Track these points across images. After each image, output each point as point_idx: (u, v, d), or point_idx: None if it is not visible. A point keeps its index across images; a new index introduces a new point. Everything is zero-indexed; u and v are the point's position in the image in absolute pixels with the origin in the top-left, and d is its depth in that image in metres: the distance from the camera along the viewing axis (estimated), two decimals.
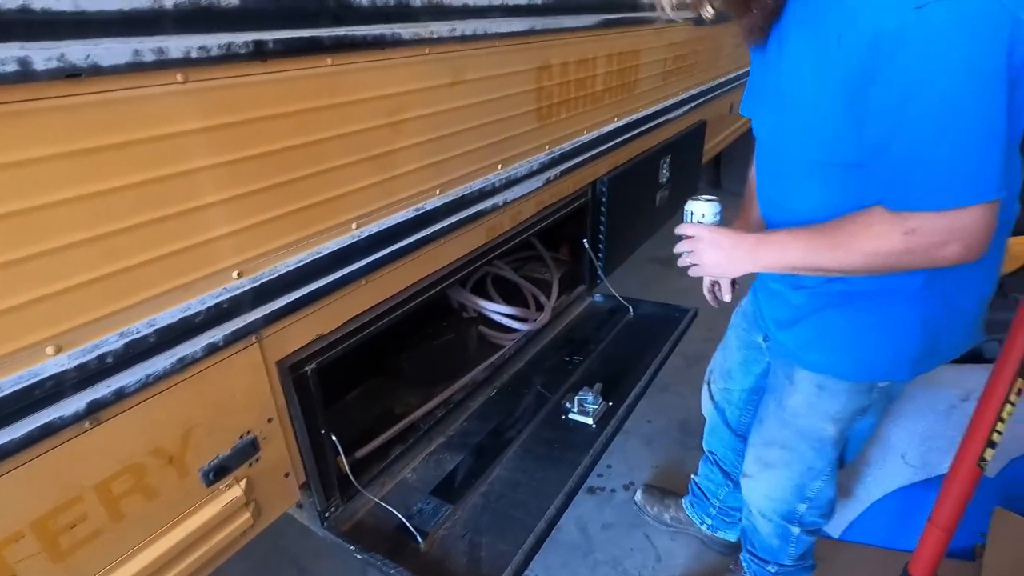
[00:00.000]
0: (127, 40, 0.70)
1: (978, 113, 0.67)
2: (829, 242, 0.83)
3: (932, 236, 0.72)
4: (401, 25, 1.08)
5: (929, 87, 0.67)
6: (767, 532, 1.33)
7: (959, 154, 0.68)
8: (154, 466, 0.88)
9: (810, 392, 1.06)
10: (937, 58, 0.66)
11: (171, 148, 0.79)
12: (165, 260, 0.82)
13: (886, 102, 0.71)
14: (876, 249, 0.78)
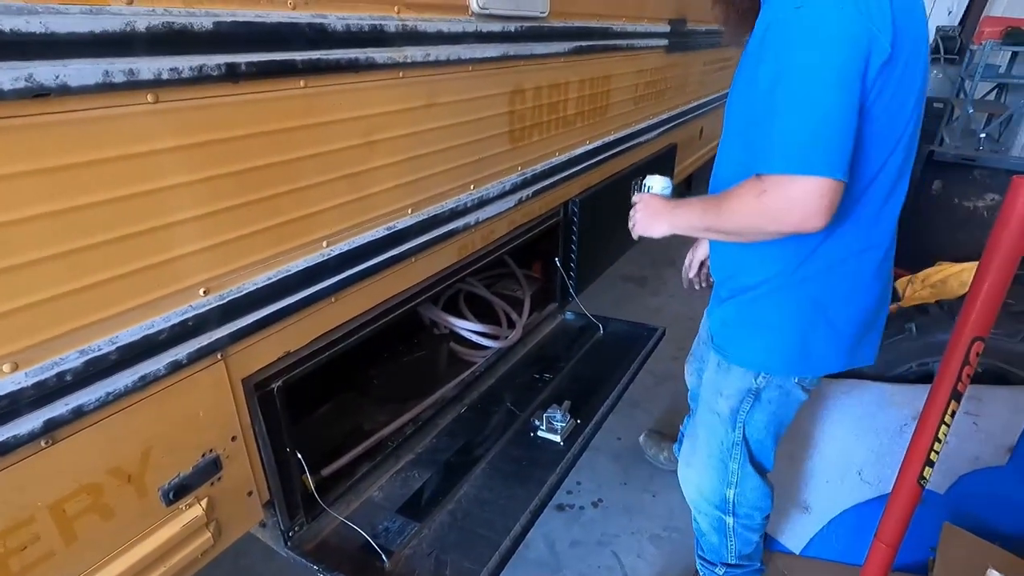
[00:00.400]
0: (97, 61, 0.71)
1: (824, 101, 0.78)
2: (715, 204, 0.98)
3: (777, 199, 0.83)
4: (375, 49, 1.10)
5: (790, 70, 0.80)
6: (707, 527, 1.41)
7: (803, 130, 0.79)
8: (112, 485, 0.87)
9: (713, 368, 1.24)
10: (802, 47, 0.79)
11: (140, 166, 0.80)
12: (130, 277, 0.82)
13: (764, 80, 0.85)
14: (739, 208, 0.90)
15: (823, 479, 1.78)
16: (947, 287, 1.97)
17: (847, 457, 1.78)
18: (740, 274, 1.12)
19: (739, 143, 1.03)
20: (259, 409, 1.08)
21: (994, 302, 0.74)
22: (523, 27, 1.52)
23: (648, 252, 3.68)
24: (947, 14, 6.87)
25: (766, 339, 1.11)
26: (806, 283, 1.03)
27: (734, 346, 1.17)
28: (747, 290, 1.10)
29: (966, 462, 1.63)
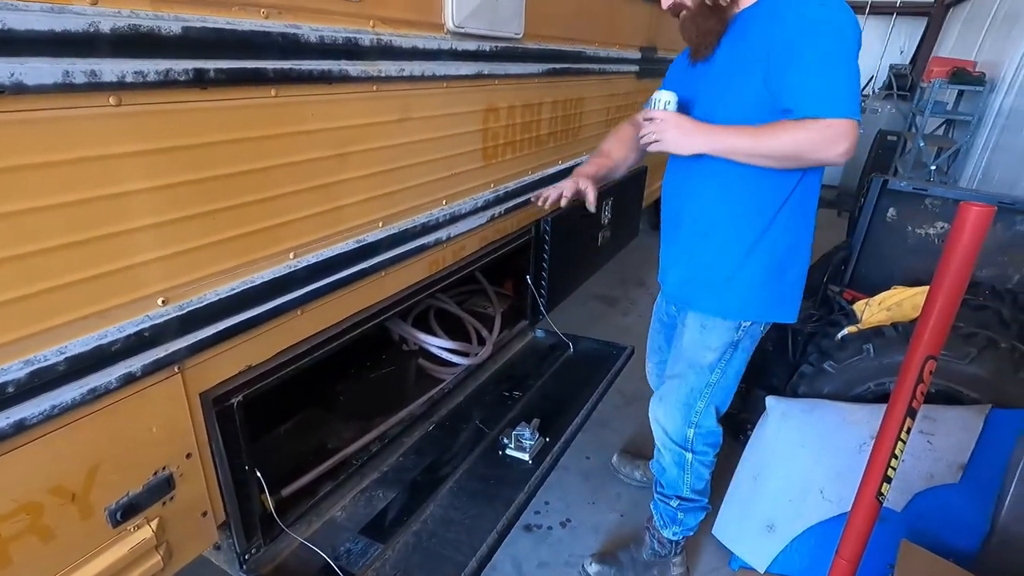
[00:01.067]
0: (57, 60, 0.69)
1: (856, 64, 1.07)
2: (767, 132, 1.11)
3: (836, 132, 1.05)
4: (349, 62, 1.10)
5: (837, 50, 1.05)
6: (669, 462, 1.56)
7: (855, 88, 1.07)
8: (53, 505, 0.82)
9: (695, 329, 1.38)
10: (838, 32, 1.06)
11: (99, 170, 0.77)
12: (83, 285, 0.79)
13: (813, 58, 1.06)
14: (801, 135, 1.07)
15: (786, 498, 1.81)
16: (902, 310, 2.05)
17: (809, 476, 1.81)
18: (715, 231, 1.28)
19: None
20: (217, 425, 1.04)
21: (945, 322, 0.77)
22: (498, 47, 1.55)
23: (616, 273, 3.73)
24: (899, 53, 7.28)
25: (743, 291, 1.29)
26: (775, 239, 1.25)
27: (715, 301, 1.32)
28: (723, 246, 1.27)
29: (921, 480, 1.68)
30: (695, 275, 1.35)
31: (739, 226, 1.26)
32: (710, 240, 1.31)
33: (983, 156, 4.51)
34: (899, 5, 7.03)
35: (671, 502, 1.63)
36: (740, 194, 1.24)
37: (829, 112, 1.05)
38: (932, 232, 2.44)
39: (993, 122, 4.47)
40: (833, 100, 1.05)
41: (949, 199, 2.35)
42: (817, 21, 1.07)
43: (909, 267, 2.43)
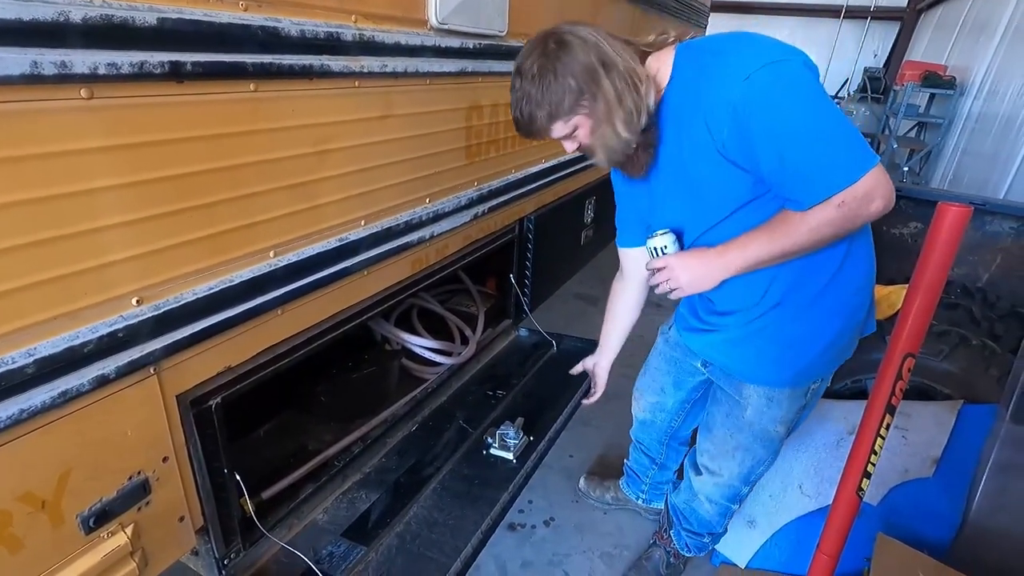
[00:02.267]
0: (24, 51, 0.66)
1: (830, 110, 0.89)
2: (781, 231, 0.99)
3: (858, 200, 0.89)
4: (330, 57, 1.08)
5: (790, 114, 0.88)
6: (711, 513, 1.49)
7: (844, 137, 0.89)
8: (21, 513, 0.79)
9: (760, 404, 1.24)
10: (780, 95, 0.88)
11: (69, 165, 0.74)
12: (52, 284, 0.76)
13: (769, 142, 0.90)
14: (818, 224, 0.94)
15: (767, 494, 1.83)
16: (878, 308, 2.09)
17: (788, 472, 1.84)
18: (772, 303, 1.12)
19: (733, 218, 1.06)
20: (195, 427, 1.01)
21: (924, 320, 0.79)
22: (482, 44, 1.54)
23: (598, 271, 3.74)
24: (873, 56, 7.45)
25: (815, 354, 1.15)
26: (844, 284, 1.10)
27: (783, 373, 1.18)
28: (782, 314, 1.11)
29: (896, 474, 1.72)
30: (758, 350, 1.17)
31: (800, 291, 1.10)
32: (777, 314, 1.12)
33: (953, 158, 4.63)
34: (873, 9, 7.19)
35: (703, 538, 1.58)
36: (791, 264, 1.06)
37: (842, 183, 0.88)
38: (906, 232, 2.50)
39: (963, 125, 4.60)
40: (835, 172, 0.88)
41: (923, 200, 2.41)
42: (750, 107, 0.89)
43: (884, 266, 2.46)
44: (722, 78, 0.91)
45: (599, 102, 0.98)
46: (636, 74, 0.99)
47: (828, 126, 0.88)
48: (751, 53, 0.90)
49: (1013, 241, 2.30)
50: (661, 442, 1.72)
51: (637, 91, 0.99)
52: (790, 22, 7.72)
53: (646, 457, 1.79)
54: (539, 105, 0.97)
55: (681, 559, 1.73)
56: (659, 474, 1.81)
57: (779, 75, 0.88)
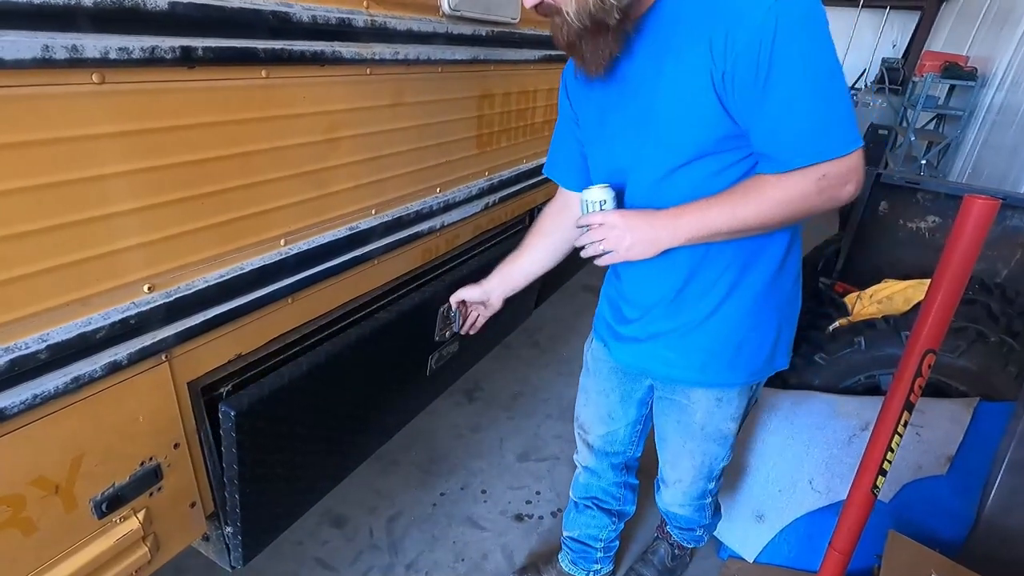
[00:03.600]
0: (36, 34, 0.66)
1: (840, 78, 0.81)
2: (745, 199, 0.88)
3: (838, 178, 0.82)
4: (342, 44, 1.07)
5: (818, 61, 0.78)
6: (687, 514, 1.46)
7: (846, 109, 0.81)
8: (35, 497, 0.80)
9: (710, 406, 1.17)
10: (808, 35, 0.78)
11: (81, 151, 0.74)
12: (65, 270, 0.76)
13: (786, 83, 0.79)
14: (791, 196, 0.85)
15: (776, 488, 1.82)
16: (893, 303, 2.06)
17: (798, 467, 1.82)
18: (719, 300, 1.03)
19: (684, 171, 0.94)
20: (206, 414, 1.02)
21: (945, 316, 0.77)
22: (494, 31, 1.52)
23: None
24: (892, 47, 7.30)
25: (757, 350, 1.09)
26: (785, 279, 1.06)
27: (728, 372, 1.11)
28: (730, 314, 1.04)
29: (909, 471, 1.70)
30: (698, 350, 1.09)
31: (747, 283, 1.02)
32: (715, 313, 1.04)
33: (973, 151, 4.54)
34: None
35: (695, 531, 1.56)
36: (742, 250, 0.99)
37: (827, 155, 0.81)
38: (923, 226, 2.45)
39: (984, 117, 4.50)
40: (830, 138, 0.81)
41: (941, 193, 2.36)
42: (777, 34, 0.77)
43: (900, 260, 2.44)
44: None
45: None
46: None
47: (842, 87, 0.80)
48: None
49: None
50: (617, 484, 1.51)
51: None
52: None
53: (603, 514, 1.55)
54: None
55: (685, 551, 1.73)
56: (616, 528, 1.60)
57: (811, 12, 0.77)
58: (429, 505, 1.98)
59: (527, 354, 2.89)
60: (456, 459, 2.20)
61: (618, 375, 1.32)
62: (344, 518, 1.90)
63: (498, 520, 1.95)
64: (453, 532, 1.89)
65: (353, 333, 1.23)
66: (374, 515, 1.92)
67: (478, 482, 2.10)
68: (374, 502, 1.97)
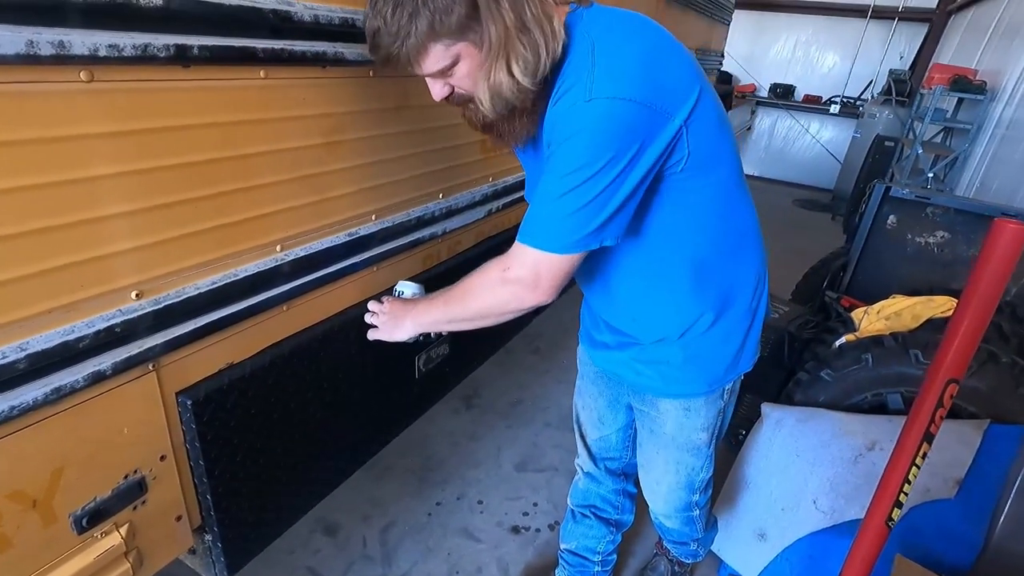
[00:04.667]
0: (20, 29, 0.62)
1: (595, 188, 0.80)
2: (454, 295, 1.00)
3: (519, 276, 0.88)
4: (345, 44, 1.03)
5: (569, 161, 0.80)
6: (676, 527, 1.45)
7: (560, 216, 0.82)
8: (11, 512, 0.76)
9: (679, 415, 1.18)
10: (586, 139, 0.78)
11: (67, 152, 0.71)
12: (47, 275, 0.72)
13: (549, 161, 0.84)
14: (480, 288, 0.94)
15: (779, 506, 1.78)
16: (901, 320, 2.02)
17: (803, 485, 1.78)
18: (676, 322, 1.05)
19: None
20: (194, 425, 0.98)
21: (971, 344, 0.73)
22: None
23: None
24: (899, 59, 7.26)
25: (719, 358, 1.10)
26: (740, 297, 1.07)
27: (699, 380, 1.11)
28: (689, 330, 1.05)
29: (917, 494, 1.66)
30: (662, 363, 1.09)
31: (671, 299, 1.03)
32: (655, 326, 1.07)
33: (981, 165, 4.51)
34: (901, 10, 6.99)
35: (689, 545, 1.55)
36: (650, 276, 1.01)
37: (523, 237, 0.86)
38: (932, 241, 2.42)
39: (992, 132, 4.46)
40: (530, 227, 0.86)
41: (951, 208, 2.33)
42: (569, 128, 0.79)
43: (908, 275, 2.41)
44: (576, 85, 0.79)
45: (496, 26, 0.77)
46: (548, 6, 0.81)
47: (571, 198, 0.81)
48: (615, 71, 0.78)
49: None
50: (615, 492, 1.52)
51: (547, 28, 0.80)
52: (813, 21, 7.54)
53: (600, 524, 1.55)
54: (417, 11, 0.74)
55: (685, 568, 1.70)
56: (614, 540, 1.60)
57: (616, 115, 0.77)
58: (424, 515, 1.94)
59: (527, 360, 2.86)
60: (452, 467, 2.16)
61: (604, 380, 1.35)
62: (337, 526, 1.87)
63: (494, 532, 1.91)
64: (448, 543, 1.85)
65: (319, 327, 1.19)
66: (367, 524, 1.89)
67: (474, 492, 2.06)
68: (368, 510, 1.93)
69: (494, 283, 0.92)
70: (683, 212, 0.93)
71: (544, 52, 0.81)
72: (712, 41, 4.09)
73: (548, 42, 0.80)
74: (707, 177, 0.91)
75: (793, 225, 5.70)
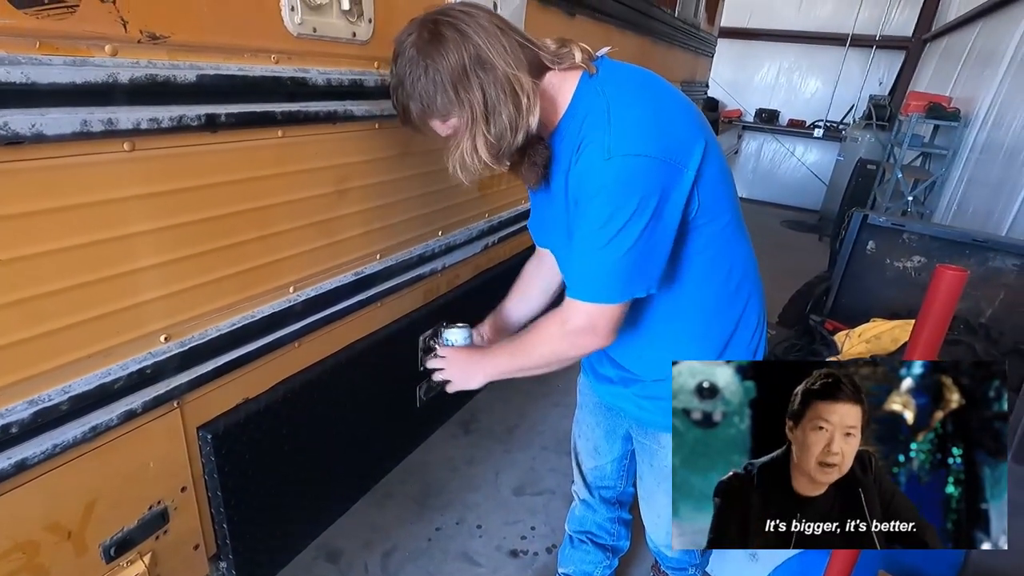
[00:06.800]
0: (76, 110, 0.71)
1: (629, 240, 0.88)
2: (519, 345, 1.09)
3: (577, 328, 0.98)
4: (353, 102, 1.13)
5: (601, 218, 0.89)
6: (675, 555, 1.47)
7: (607, 269, 0.92)
8: (49, 543, 0.82)
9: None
10: (612, 196, 0.87)
11: (109, 213, 0.79)
12: (88, 325, 0.80)
13: (579, 220, 0.93)
14: (543, 340, 1.04)
15: None
16: (881, 343, 2.12)
17: None
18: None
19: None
20: (213, 457, 1.04)
21: None
22: None
23: None
24: (878, 84, 7.52)
25: None
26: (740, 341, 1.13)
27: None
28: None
29: None
30: (660, 396, 1.14)
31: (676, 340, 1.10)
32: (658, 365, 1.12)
33: (958, 188, 4.67)
34: (878, 39, 7.27)
35: (687, 571, 1.55)
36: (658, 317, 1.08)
37: (578, 294, 0.95)
38: (909, 265, 2.53)
39: (968, 156, 4.63)
40: (584, 284, 0.95)
41: (926, 235, 2.44)
42: (592, 187, 0.88)
43: (888, 299, 2.51)
44: (594, 144, 0.88)
45: (466, 108, 0.89)
46: (518, 83, 0.88)
47: (614, 252, 0.89)
48: (632, 130, 0.87)
49: (1016, 277, 2.33)
50: (611, 519, 1.58)
51: (516, 105, 0.89)
52: (795, 48, 7.81)
53: (598, 550, 1.60)
54: (411, 98, 0.91)
55: None
56: (612, 565, 1.66)
57: (623, 181, 0.86)
58: (424, 540, 1.99)
59: (523, 385, 2.92)
60: (451, 492, 2.21)
61: (603, 411, 1.39)
62: (339, 552, 1.91)
63: (493, 556, 1.95)
64: (448, 568, 1.89)
65: (329, 361, 1.26)
66: (369, 550, 1.93)
67: (473, 516, 2.11)
68: (369, 536, 1.97)
69: (555, 337, 1.02)
70: (691, 257, 1.01)
71: (510, 131, 0.91)
72: (697, 73, 4.26)
73: (519, 122, 0.90)
74: (714, 224, 0.99)
75: (781, 246, 5.83)
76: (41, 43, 0.67)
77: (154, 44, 0.78)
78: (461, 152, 0.93)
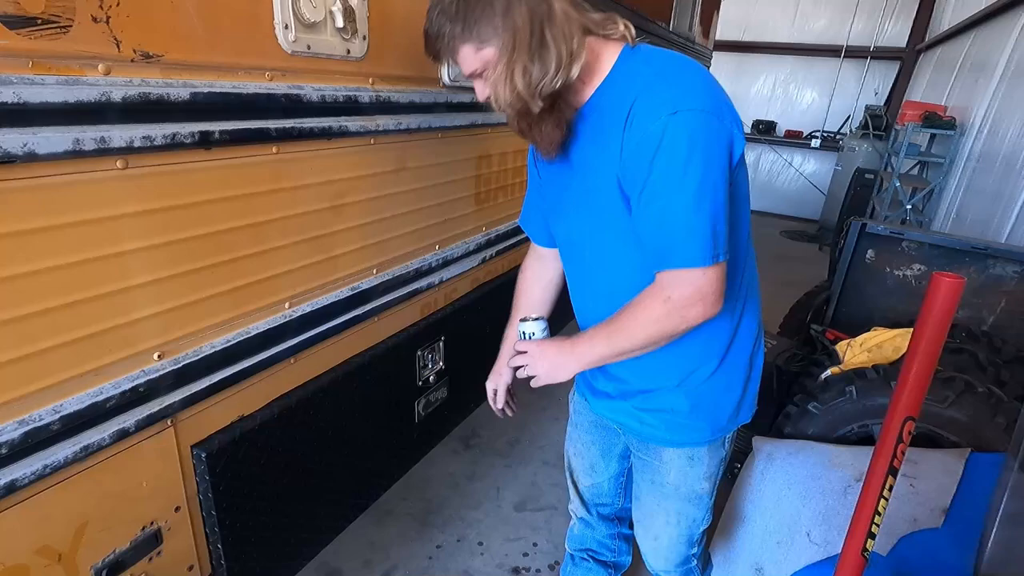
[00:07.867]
0: (68, 129, 0.71)
1: (708, 195, 0.86)
2: (618, 327, 0.98)
3: (682, 300, 0.90)
4: (348, 118, 1.13)
5: (680, 174, 0.84)
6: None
7: (701, 227, 0.86)
8: (38, 566, 0.81)
9: (683, 465, 1.18)
10: (685, 151, 0.84)
11: (101, 231, 0.79)
12: (80, 343, 0.79)
13: (654, 185, 0.87)
14: (647, 318, 0.94)
15: (774, 540, 1.81)
16: (882, 352, 2.10)
17: (796, 518, 1.82)
18: (677, 369, 1.09)
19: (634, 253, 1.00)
20: (207, 476, 1.03)
21: (922, 385, 0.80)
22: None
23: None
24: (874, 94, 7.57)
25: (722, 406, 1.13)
26: (743, 332, 1.11)
27: (701, 429, 1.14)
28: (690, 376, 1.10)
29: (905, 523, 1.70)
30: (668, 411, 1.12)
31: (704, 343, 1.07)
32: (653, 373, 1.10)
33: (956, 197, 4.67)
34: (873, 50, 7.34)
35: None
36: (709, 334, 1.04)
37: (672, 263, 0.89)
38: (909, 274, 2.52)
39: (964, 164, 4.65)
40: (677, 249, 0.88)
41: (925, 243, 2.44)
42: (661, 144, 0.84)
43: (889, 308, 2.50)
44: (654, 103, 0.85)
45: (509, 36, 0.85)
46: (570, 25, 0.88)
47: (706, 206, 0.86)
48: (689, 89, 0.86)
49: (1017, 284, 2.32)
50: (610, 536, 1.54)
51: (565, 46, 0.87)
52: (791, 60, 7.89)
53: (599, 567, 1.57)
54: (453, 18, 0.86)
55: None
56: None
57: (696, 133, 0.84)
58: (425, 558, 1.96)
59: (524, 399, 2.87)
60: (452, 509, 2.18)
61: (598, 428, 1.36)
62: (337, 572, 1.88)
63: (495, 574, 1.92)
64: None
65: (326, 377, 1.25)
66: (369, 569, 1.90)
67: (474, 533, 2.08)
68: (368, 554, 1.95)
69: (660, 316, 0.93)
70: None
71: (553, 70, 0.87)
72: None
73: (564, 63, 0.87)
74: (732, 233, 0.95)
75: (781, 257, 5.83)
76: (34, 63, 0.68)
77: (147, 63, 0.79)
78: (497, 80, 0.88)
